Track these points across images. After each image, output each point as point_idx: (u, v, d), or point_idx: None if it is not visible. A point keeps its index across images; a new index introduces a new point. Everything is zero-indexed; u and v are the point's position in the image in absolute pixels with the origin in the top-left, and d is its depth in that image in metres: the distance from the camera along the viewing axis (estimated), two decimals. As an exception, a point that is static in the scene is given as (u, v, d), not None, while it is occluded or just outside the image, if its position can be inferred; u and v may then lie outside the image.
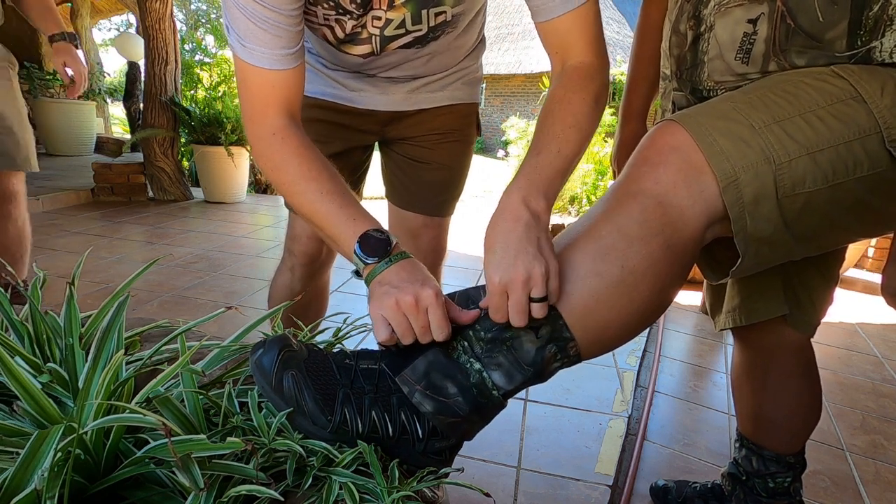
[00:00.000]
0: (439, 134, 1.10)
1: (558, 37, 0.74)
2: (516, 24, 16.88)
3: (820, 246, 0.72)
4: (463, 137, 1.14)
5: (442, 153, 1.12)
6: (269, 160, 0.75)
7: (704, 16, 0.78)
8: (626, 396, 1.79)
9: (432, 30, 0.89)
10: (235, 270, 2.83)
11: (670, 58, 0.87)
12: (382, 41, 0.88)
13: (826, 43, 0.68)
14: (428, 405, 0.60)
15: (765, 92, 0.66)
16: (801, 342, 0.99)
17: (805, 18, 0.68)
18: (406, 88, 1.04)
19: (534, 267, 0.57)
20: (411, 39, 0.89)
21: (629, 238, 0.60)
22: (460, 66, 1.07)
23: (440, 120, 1.09)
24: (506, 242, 0.59)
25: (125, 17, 12.48)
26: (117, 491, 0.48)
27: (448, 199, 1.18)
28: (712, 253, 0.88)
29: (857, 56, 0.67)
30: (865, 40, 0.67)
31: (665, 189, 0.61)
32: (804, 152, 0.61)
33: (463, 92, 1.10)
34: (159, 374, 0.54)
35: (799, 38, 0.69)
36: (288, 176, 0.73)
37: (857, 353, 2.33)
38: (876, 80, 0.64)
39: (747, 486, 1.09)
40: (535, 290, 0.58)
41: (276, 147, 0.74)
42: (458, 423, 0.62)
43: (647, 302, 0.62)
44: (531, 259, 0.58)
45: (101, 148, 6.21)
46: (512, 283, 0.57)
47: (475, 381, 0.61)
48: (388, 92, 1.03)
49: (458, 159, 1.16)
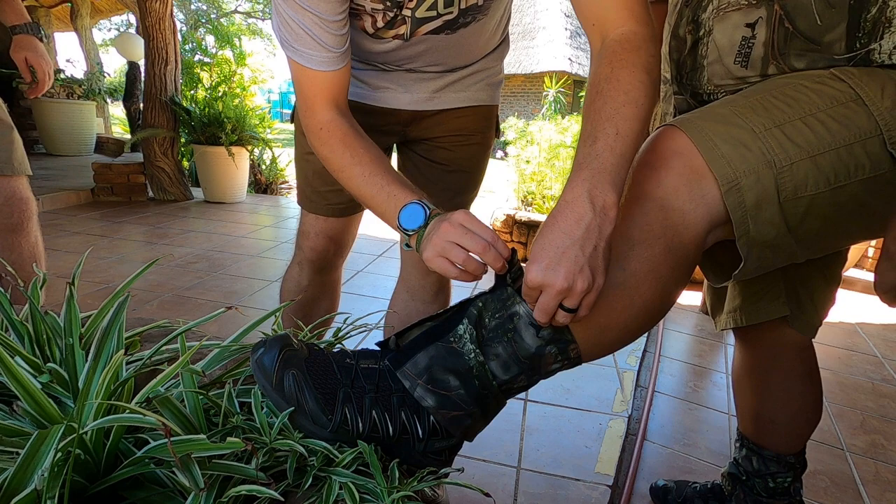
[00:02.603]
0: (461, 136, 1.10)
1: (593, 5, 0.66)
2: (516, 25, 16.86)
3: (822, 248, 0.71)
4: (483, 140, 1.13)
5: (462, 155, 1.12)
6: (320, 152, 0.82)
7: (703, 20, 0.78)
8: (626, 396, 1.78)
9: (463, 13, 0.88)
10: (235, 270, 2.83)
11: (670, 62, 0.87)
12: (413, 23, 0.88)
13: (825, 46, 0.68)
14: (430, 399, 0.60)
15: (765, 96, 0.66)
16: (802, 343, 0.99)
17: (803, 22, 0.68)
18: (431, 87, 1.03)
19: (577, 281, 0.54)
20: (441, 24, 0.88)
21: (631, 241, 0.60)
22: (484, 66, 1.06)
23: (462, 121, 1.08)
24: (559, 243, 0.55)
25: (125, 17, 12.49)
26: (117, 491, 0.48)
27: (465, 200, 1.17)
28: (714, 256, 0.88)
29: (856, 58, 0.67)
30: (864, 42, 0.67)
31: (667, 193, 0.61)
32: (805, 156, 0.61)
33: (486, 93, 1.09)
34: (159, 374, 0.54)
35: (797, 41, 0.69)
36: (336, 164, 0.80)
37: (857, 353, 2.33)
38: (876, 82, 0.64)
39: (747, 486, 1.09)
40: (569, 301, 0.55)
41: (324, 139, 0.80)
42: (461, 417, 0.61)
43: (648, 305, 0.62)
44: (577, 271, 0.54)
45: (101, 148, 6.21)
46: (548, 287, 0.55)
47: (477, 373, 0.60)
48: (411, 90, 1.02)
49: (478, 162, 1.15)
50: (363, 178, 0.76)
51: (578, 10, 0.69)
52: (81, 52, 7.70)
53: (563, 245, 0.55)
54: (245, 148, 4.42)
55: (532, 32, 15.92)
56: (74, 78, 6.34)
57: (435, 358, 0.61)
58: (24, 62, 1.48)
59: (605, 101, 0.61)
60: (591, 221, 0.55)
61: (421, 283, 1.19)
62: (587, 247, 0.55)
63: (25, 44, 1.47)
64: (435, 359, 0.61)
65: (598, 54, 0.66)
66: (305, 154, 1.11)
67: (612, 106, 0.60)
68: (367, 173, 0.76)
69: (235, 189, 4.54)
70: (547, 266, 0.54)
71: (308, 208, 1.15)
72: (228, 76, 4.46)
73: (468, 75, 1.04)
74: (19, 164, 1.44)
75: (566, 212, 0.56)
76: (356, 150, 0.78)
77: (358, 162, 0.77)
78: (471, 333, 0.61)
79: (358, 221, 1.22)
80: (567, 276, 0.54)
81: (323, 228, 1.15)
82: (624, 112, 0.59)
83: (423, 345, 0.62)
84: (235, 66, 4.51)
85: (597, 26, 0.66)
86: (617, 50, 0.63)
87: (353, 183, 0.78)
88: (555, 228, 0.56)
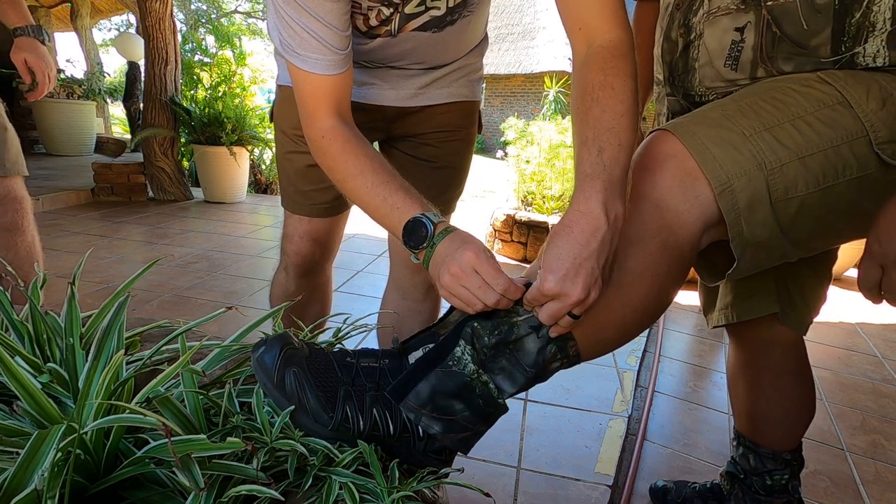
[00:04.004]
0: (445, 132, 1.11)
1: (580, 10, 0.68)
2: (516, 25, 16.87)
3: (814, 248, 0.73)
4: (467, 135, 1.15)
5: (447, 151, 1.12)
6: (322, 162, 0.80)
7: (694, 24, 0.80)
8: (626, 396, 1.79)
9: (451, 11, 0.89)
10: (235, 270, 2.83)
11: (663, 64, 0.88)
12: (401, 19, 0.88)
13: (811, 49, 0.70)
14: (436, 427, 0.60)
15: (754, 99, 0.68)
16: (794, 339, 1.00)
17: (790, 26, 0.70)
18: (415, 84, 1.04)
19: (591, 292, 0.56)
20: (428, 19, 0.89)
21: (627, 240, 0.61)
22: (466, 62, 1.07)
23: (445, 117, 1.09)
24: (577, 254, 0.56)
25: (125, 17, 12.49)
26: (117, 491, 0.48)
27: (451, 197, 1.18)
28: (708, 255, 0.89)
29: (842, 61, 0.69)
30: (849, 46, 0.68)
31: (662, 194, 0.63)
32: (794, 157, 0.63)
33: (467, 89, 1.10)
34: (159, 375, 0.54)
35: (785, 45, 0.71)
36: (338, 174, 0.77)
37: (857, 353, 2.33)
38: (861, 84, 0.66)
39: (745, 485, 1.09)
40: (579, 309, 0.57)
41: (326, 148, 0.78)
42: (468, 438, 0.62)
43: (644, 303, 0.63)
44: (593, 282, 0.56)
45: (101, 148, 6.21)
46: (565, 297, 0.56)
47: (480, 392, 0.61)
48: (396, 87, 1.03)
49: (462, 157, 1.16)
50: (366, 189, 0.73)
51: (564, 14, 0.70)
52: (81, 52, 7.69)
53: (581, 256, 0.55)
54: (245, 148, 4.42)
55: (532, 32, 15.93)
56: (74, 78, 6.34)
57: (437, 386, 0.60)
58: (24, 64, 1.45)
59: (603, 110, 0.62)
60: (605, 234, 0.56)
61: (411, 281, 1.19)
62: (601, 259, 0.56)
63: (26, 46, 1.45)
64: (437, 387, 0.60)
65: (584, 59, 0.67)
66: (286, 153, 1.10)
67: (611, 116, 0.62)
68: (369, 184, 0.73)
69: (235, 189, 4.54)
70: (564, 276, 0.55)
71: (291, 209, 1.14)
72: (228, 76, 4.46)
73: (451, 72, 1.06)
74: (13, 164, 1.43)
75: (582, 222, 0.56)
76: (358, 158, 0.76)
77: (360, 172, 0.74)
78: (470, 354, 0.61)
79: (344, 221, 1.21)
80: (585, 287, 0.55)
81: (307, 231, 1.14)
82: (623, 123, 0.62)
83: (421, 373, 0.61)
84: (235, 66, 4.51)
85: (583, 31, 0.68)
86: (607, 57, 0.65)
87: (356, 194, 0.75)
88: (570, 239, 0.56)
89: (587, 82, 0.65)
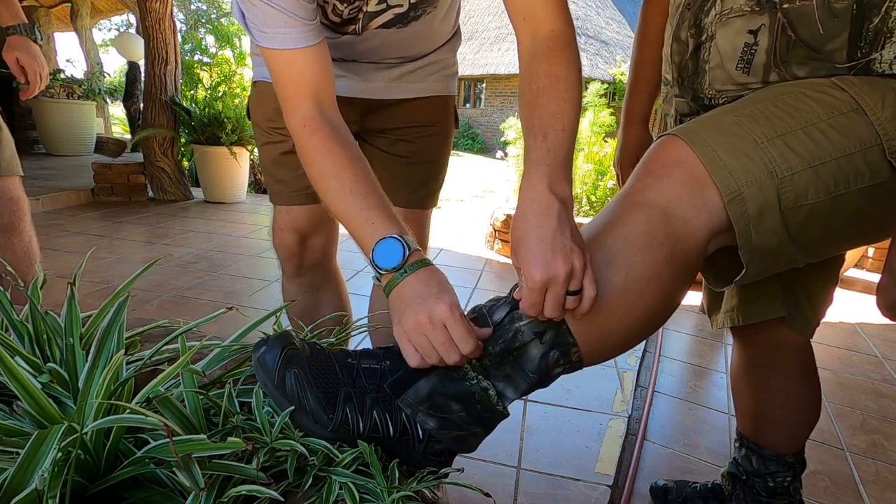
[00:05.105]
0: (421, 126, 1.11)
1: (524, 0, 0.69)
2: (516, 25, 16.85)
3: (822, 254, 0.72)
4: (444, 130, 1.15)
5: (424, 146, 1.13)
6: (301, 155, 0.75)
7: (705, 25, 0.78)
8: (626, 396, 1.79)
9: (413, 7, 0.89)
10: (235, 270, 2.83)
11: (671, 64, 0.87)
12: (365, 18, 0.89)
13: (826, 54, 0.68)
14: (431, 423, 0.61)
15: (766, 105, 0.66)
16: (800, 342, 0.99)
17: (806, 30, 0.69)
18: (387, 77, 1.04)
19: (573, 260, 0.56)
20: (392, 17, 0.89)
21: (634, 247, 0.61)
22: (438, 57, 1.08)
23: (420, 112, 1.10)
24: (541, 236, 0.57)
25: (125, 17, 12.49)
26: (117, 491, 0.48)
27: (430, 191, 1.18)
28: (715, 260, 0.89)
29: (858, 67, 0.68)
30: (865, 52, 0.67)
31: (669, 201, 0.62)
32: (806, 165, 0.62)
33: (441, 84, 1.11)
34: (159, 374, 0.54)
35: (800, 49, 0.70)
36: (315, 172, 0.73)
37: (857, 353, 2.33)
38: (876, 91, 0.64)
39: (747, 486, 1.09)
40: (574, 283, 0.57)
41: (306, 140, 0.73)
42: (462, 437, 0.62)
43: (649, 310, 0.62)
44: (569, 252, 0.57)
45: (101, 148, 6.21)
46: (554, 279, 0.56)
47: (479, 398, 0.61)
48: (367, 79, 1.04)
49: (440, 152, 1.16)
50: (342, 194, 0.69)
51: (510, 4, 0.71)
52: (81, 52, 7.69)
53: (547, 237, 0.57)
54: (245, 148, 4.42)
55: (532, 32, 15.89)
56: (74, 78, 6.33)
57: (437, 385, 0.61)
58: (16, 63, 1.45)
59: (549, 98, 0.65)
60: (559, 209, 0.59)
61: None
62: (566, 230, 0.58)
63: (18, 44, 1.44)
64: (437, 386, 0.61)
65: (531, 49, 0.69)
66: (262, 145, 1.11)
67: (555, 104, 0.65)
68: (347, 189, 0.69)
69: (235, 189, 4.54)
70: (543, 261, 0.56)
71: (273, 200, 1.13)
72: (228, 76, 4.46)
73: (423, 66, 1.06)
74: (7, 164, 1.42)
75: (535, 207, 0.59)
76: (338, 158, 0.71)
77: (338, 174, 0.70)
78: (471, 361, 0.61)
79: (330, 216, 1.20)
80: (565, 260, 0.56)
81: (287, 221, 1.11)
82: (567, 109, 0.65)
83: (423, 372, 0.61)
84: (235, 66, 4.51)
85: (527, 21, 0.69)
86: (552, 47, 0.68)
87: (329, 196, 0.71)
88: (531, 228, 0.59)
89: (534, 72, 0.67)
